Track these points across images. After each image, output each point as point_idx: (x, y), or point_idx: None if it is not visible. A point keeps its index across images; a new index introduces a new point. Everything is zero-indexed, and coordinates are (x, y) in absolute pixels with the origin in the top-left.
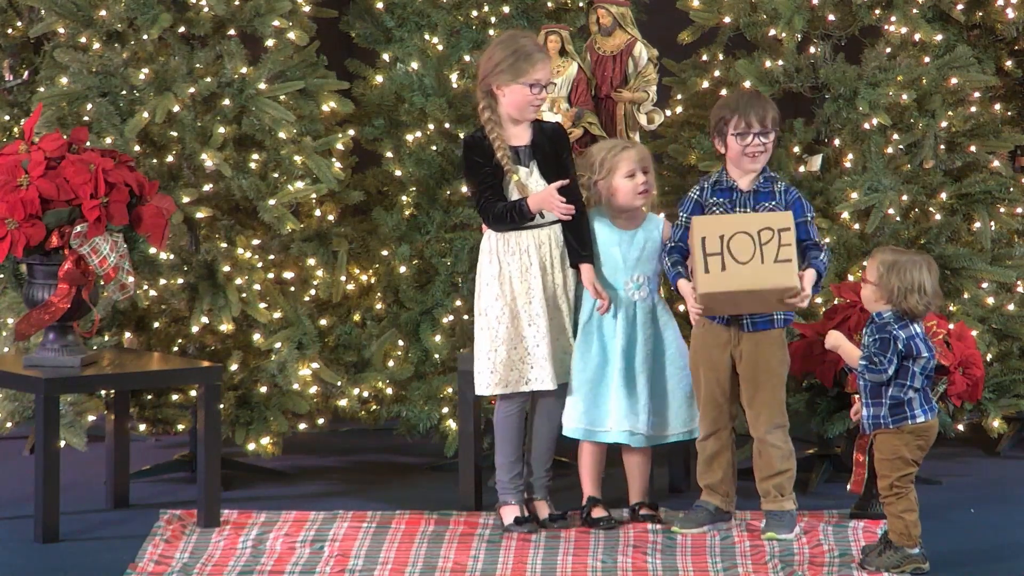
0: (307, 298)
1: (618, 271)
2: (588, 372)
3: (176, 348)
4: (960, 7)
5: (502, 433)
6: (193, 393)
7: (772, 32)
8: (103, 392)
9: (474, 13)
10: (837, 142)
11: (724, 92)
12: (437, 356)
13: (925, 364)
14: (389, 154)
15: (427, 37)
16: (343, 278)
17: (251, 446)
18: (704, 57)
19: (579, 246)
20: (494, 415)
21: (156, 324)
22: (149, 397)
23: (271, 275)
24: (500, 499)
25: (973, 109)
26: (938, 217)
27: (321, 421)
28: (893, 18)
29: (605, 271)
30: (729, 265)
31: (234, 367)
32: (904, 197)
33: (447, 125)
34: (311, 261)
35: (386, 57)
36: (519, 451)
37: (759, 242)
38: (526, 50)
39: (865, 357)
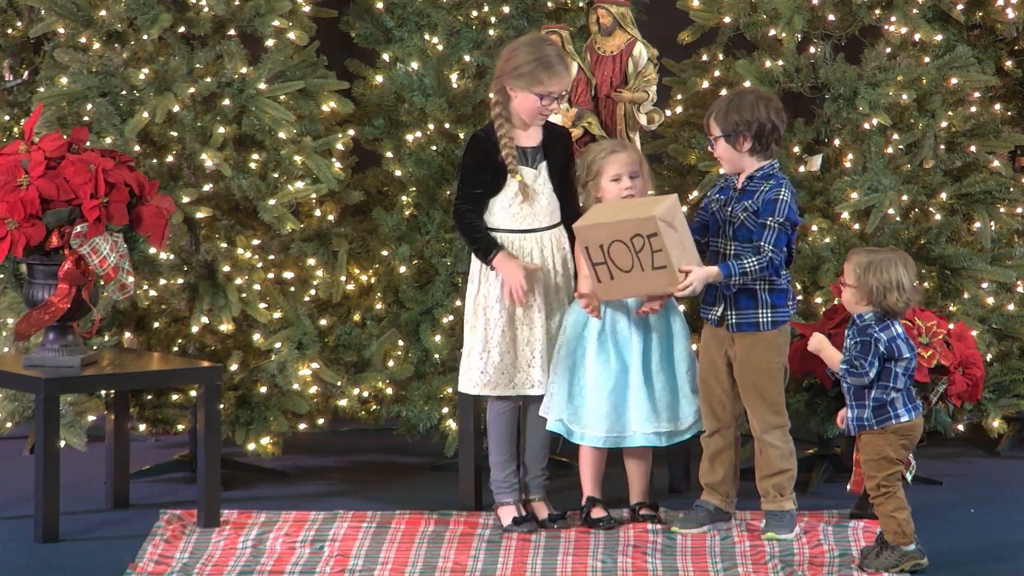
0: (307, 298)
1: None
2: (610, 383)
3: (176, 348)
4: (960, 7)
5: (495, 432)
6: (193, 393)
7: (772, 32)
8: (103, 392)
9: (474, 13)
10: (837, 142)
11: (724, 92)
12: (437, 356)
13: (907, 365)
14: (389, 154)
15: (427, 37)
16: (343, 278)
17: (251, 446)
18: (704, 57)
19: None
20: (487, 413)
21: (156, 324)
22: (149, 397)
23: (271, 275)
24: (496, 499)
25: (973, 109)
26: (938, 217)
27: (321, 421)
28: (893, 18)
29: None
30: (616, 274)
31: (234, 367)
32: (904, 197)
33: (447, 125)
34: (311, 261)
35: (386, 57)
36: (513, 449)
37: (634, 250)
38: (547, 60)
39: (846, 360)
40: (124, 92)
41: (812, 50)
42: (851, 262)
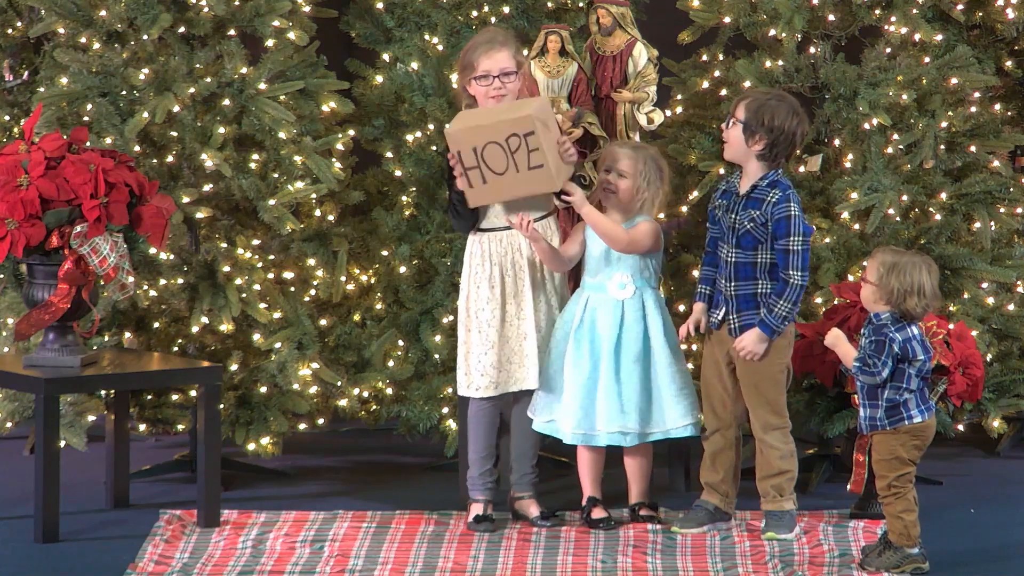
0: (307, 298)
1: (601, 270)
2: (581, 377)
3: (176, 348)
4: (960, 7)
5: (476, 429)
6: (193, 393)
7: (772, 32)
8: (103, 392)
9: (474, 13)
10: (837, 142)
11: (724, 92)
12: (437, 356)
13: (921, 366)
14: (389, 154)
15: (427, 37)
16: (343, 278)
17: (251, 446)
18: (704, 57)
19: None
20: (468, 410)
21: (156, 324)
22: (149, 397)
23: (271, 275)
24: (470, 495)
25: (973, 109)
26: (938, 217)
27: (321, 421)
28: (893, 18)
29: (590, 267)
30: (489, 177)
31: (234, 367)
32: (904, 197)
33: (447, 125)
34: (311, 261)
35: (386, 57)
36: (492, 448)
37: (510, 151)
38: (475, 44)
39: (859, 358)
40: (124, 92)
41: (812, 50)
42: (876, 259)
